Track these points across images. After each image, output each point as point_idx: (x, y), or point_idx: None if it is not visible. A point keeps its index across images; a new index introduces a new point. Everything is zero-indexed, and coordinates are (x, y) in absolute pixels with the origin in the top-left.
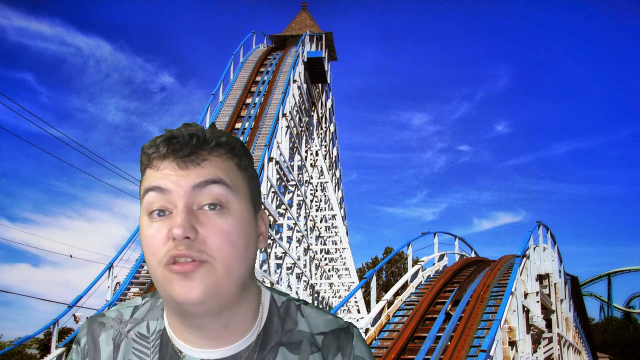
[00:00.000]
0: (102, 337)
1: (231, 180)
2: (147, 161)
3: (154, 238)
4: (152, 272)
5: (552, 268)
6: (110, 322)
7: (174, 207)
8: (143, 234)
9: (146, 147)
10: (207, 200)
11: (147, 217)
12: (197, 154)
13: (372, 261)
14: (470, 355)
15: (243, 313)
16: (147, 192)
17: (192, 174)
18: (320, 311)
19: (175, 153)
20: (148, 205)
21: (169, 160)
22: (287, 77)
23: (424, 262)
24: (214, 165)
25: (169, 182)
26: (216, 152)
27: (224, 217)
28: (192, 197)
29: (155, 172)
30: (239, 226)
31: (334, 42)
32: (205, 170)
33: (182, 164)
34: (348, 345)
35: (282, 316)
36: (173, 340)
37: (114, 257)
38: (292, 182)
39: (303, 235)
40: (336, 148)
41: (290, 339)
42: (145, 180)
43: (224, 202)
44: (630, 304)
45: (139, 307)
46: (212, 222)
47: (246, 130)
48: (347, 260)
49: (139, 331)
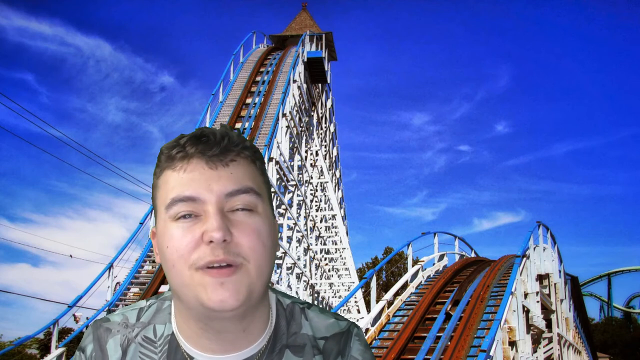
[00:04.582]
0: (109, 344)
1: (258, 186)
2: (168, 161)
3: (182, 240)
4: (178, 275)
5: (552, 268)
6: (116, 327)
7: (204, 211)
8: (167, 235)
9: (167, 147)
10: (238, 204)
11: (171, 220)
12: (226, 155)
13: (372, 261)
14: (470, 355)
15: (259, 316)
16: (175, 203)
17: (222, 177)
18: (323, 314)
19: (204, 152)
20: (175, 213)
21: (197, 159)
22: (287, 77)
23: (424, 262)
24: (242, 169)
25: (200, 190)
26: (243, 154)
27: (253, 217)
28: (223, 203)
29: (179, 175)
30: (267, 226)
31: (334, 42)
32: (234, 176)
33: (212, 163)
34: (347, 347)
35: (288, 319)
36: (183, 345)
37: (114, 257)
38: (292, 182)
39: (303, 235)
40: (336, 148)
41: (294, 341)
42: (168, 187)
43: (253, 206)
44: (630, 304)
45: (144, 309)
46: (243, 222)
47: (246, 130)
48: (347, 260)
49: (146, 335)
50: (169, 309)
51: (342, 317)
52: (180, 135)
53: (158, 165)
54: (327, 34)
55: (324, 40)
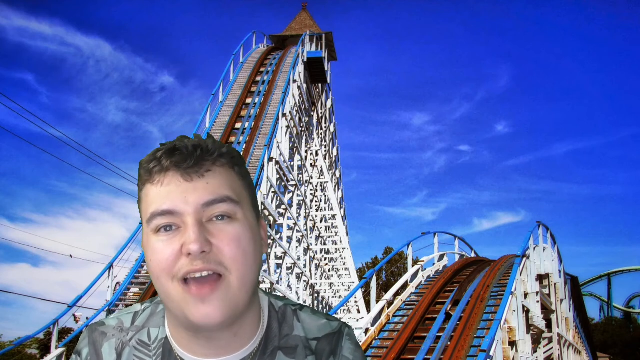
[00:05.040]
0: (104, 348)
1: (235, 192)
2: (147, 175)
3: (163, 253)
4: (163, 288)
5: (552, 268)
6: (111, 330)
7: (182, 222)
8: (150, 248)
9: (145, 161)
10: (215, 213)
11: (153, 233)
12: (201, 165)
13: (372, 261)
14: (470, 355)
15: (250, 320)
16: (154, 217)
17: (198, 188)
18: (315, 316)
19: (178, 165)
20: (155, 227)
21: (172, 172)
22: (287, 77)
23: (424, 262)
24: (218, 177)
25: (177, 203)
26: (219, 163)
27: (232, 225)
28: (201, 213)
29: (157, 188)
30: (248, 232)
31: (334, 42)
32: (210, 186)
33: (187, 176)
34: (338, 347)
35: (280, 321)
36: (176, 350)
37: (114, 257)
38: (292, 182)
39: (303, 235)
40: (336, 148)
41: (287, 343)
42: (148, 200)
43: (232, 214)
44: (630, 304)
45: (139, 313)
46: (222, 230)
47: (246, 130)
48: (347, 260)
49: (140, 339)
50: (162, 312)
51: (334, 317)
52: (157, 149)
53: (139, 179)
54: (327, 34)
55: (324, 40)
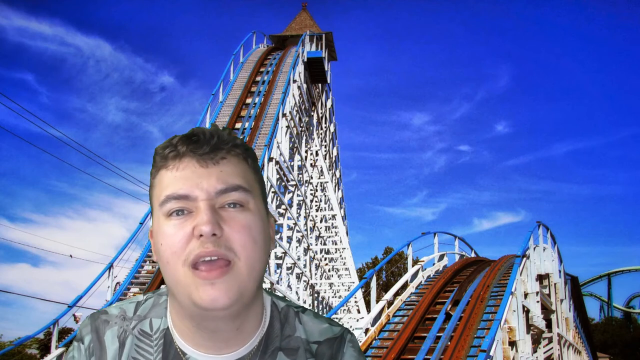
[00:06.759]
0: (107, 335)
1: (248, 183)
2: (162, 161)
3: (174, 236)
4: (172, 273)
5: (552, 268)
6: (113, 319)
7: (195, 207)
8: (161, 233)
9: (161, 147)
10: (228, 201)
11: (164, 217)
12: (216, 152)
13: (372, 261)
14: (470, 355)
15: (253, 315)
16: (168, 200)
17: (212, 175)
18: (317, 319)
19: (194, 151)
20: (168, 210)
21: (189, 158)
22: (287, 77)
23: (424, 262)
24: (232, 166)
25: (192, 188)
26: (234, 152)
27: (244, 213)
28: (214, 199)
29: (172, 173)
30: (259, 222)
31: (334, 42)
32: (224, 174)
33: (202, 162)
34: (339, 352)
35: (282, 321)
36: (177, 341)
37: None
38: (292, 182)
39: (303, 235)
40: (336, 148)
41: (288, 344)
42: (162, 185)
43: (244, 202)
44: (630, 304)
45: (141, 303)
46: (234, 218)
47: (246, 130)
48: (347, 260)
49: (142, 328)
50: (165, 303)
51: (336, 322)
52: (174, 136)
53: (154, 166)
54: (327, 34)
55: (324, 40)
